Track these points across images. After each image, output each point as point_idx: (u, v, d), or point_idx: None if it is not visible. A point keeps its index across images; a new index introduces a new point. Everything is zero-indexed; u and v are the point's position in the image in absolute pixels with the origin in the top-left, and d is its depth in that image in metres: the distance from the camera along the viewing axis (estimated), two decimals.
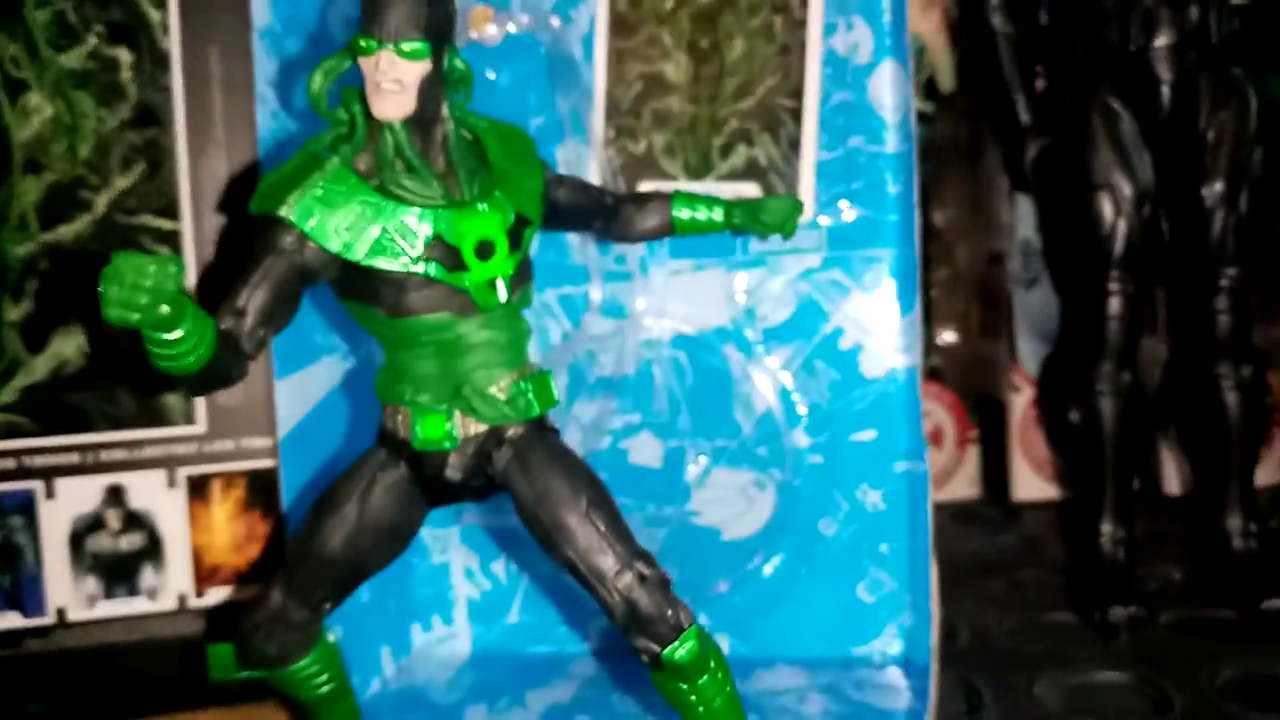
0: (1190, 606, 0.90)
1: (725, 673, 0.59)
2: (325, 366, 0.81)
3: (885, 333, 0.83)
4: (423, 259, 0.56)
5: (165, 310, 0.46)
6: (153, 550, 0.78)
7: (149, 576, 0.78)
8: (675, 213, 0.70)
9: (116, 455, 0.77)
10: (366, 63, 0.55)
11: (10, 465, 0.76)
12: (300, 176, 0.56)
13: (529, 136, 0.64)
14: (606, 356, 0.86)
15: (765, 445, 0.85)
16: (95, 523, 0.77)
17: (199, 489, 0.79)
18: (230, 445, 0.79)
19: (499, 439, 0.60)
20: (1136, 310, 0.89)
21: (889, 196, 0.83)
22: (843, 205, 0.83)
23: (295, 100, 0.79)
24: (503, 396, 0.59)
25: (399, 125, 0.56)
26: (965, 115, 1.20)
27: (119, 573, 0.77)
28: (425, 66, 0.55)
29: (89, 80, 0.76)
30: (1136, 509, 0.94)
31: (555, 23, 0.86)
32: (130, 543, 0.78)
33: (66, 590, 0.76)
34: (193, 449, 0.79)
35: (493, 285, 0.58)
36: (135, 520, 0.78)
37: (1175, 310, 0.95)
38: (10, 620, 0.76)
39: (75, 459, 0.76)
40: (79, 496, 0.77)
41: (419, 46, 0.55)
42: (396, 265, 0.56)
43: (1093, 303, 0.90)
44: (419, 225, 0.56)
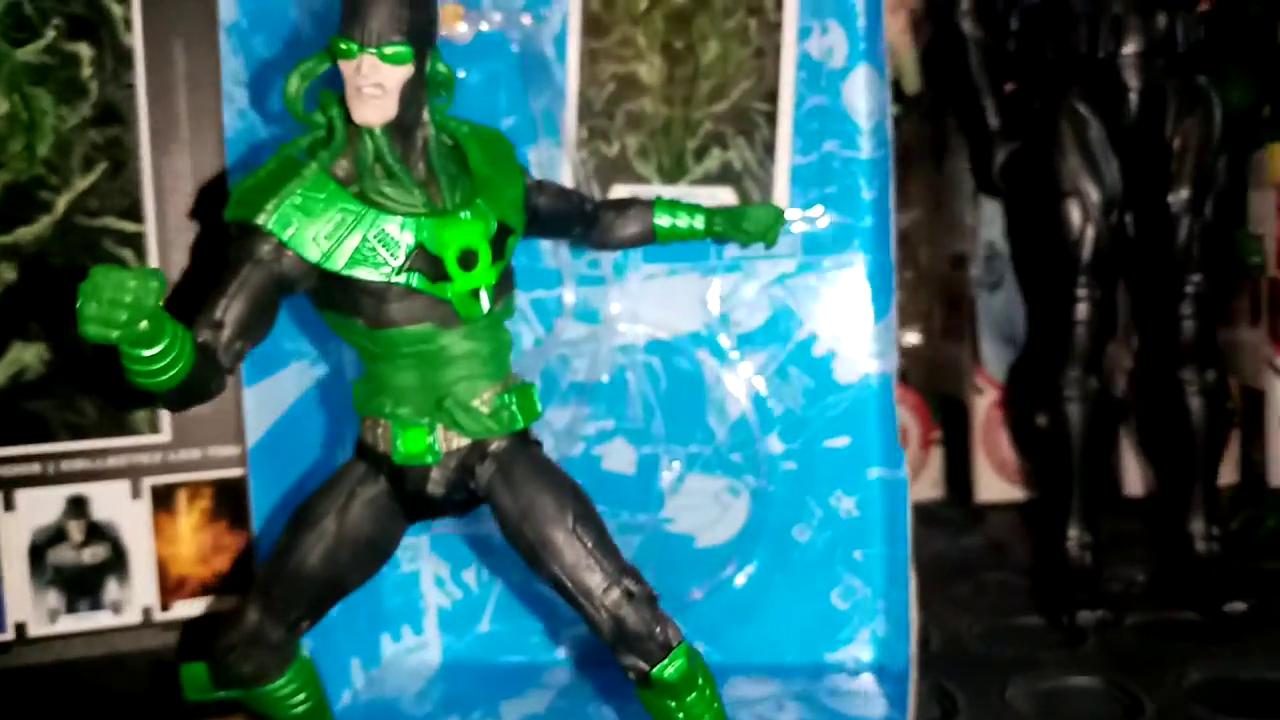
0: (1154, 609, 0.91)
1: (713, 689, 0.58)
2: (294, 373, 0.79)
3: (859, 339, 0.83)
4: (404, 269, 0.55)
5: (144, 326, 0.45)
6: (116, 562, 0.76)
7: (113, 590, 0.76)
8: (656, 220, 0.69)
9: (78, 465, 0.75)
10: (347, 66, 0.54)
11: None
12: (277, 183, 0.54)
13: (509, 141, 0.63)
14: (580, 362, 0.85)
15: (739, 452, 0.85)
16: (56, 535, 0.75)
17: (164, 499, 0.77)
18: (196, 454, 0.77)
19: (482, 453, 0.59)
20: (1103, 315, 0.90)
21: (863, 202, 0.83)
22: (817, 210, 0.83)
23: (263, 100, 0.77)
24: (486, 409, 0.58)
25: (379, 130, 0.55)
26: (929, 117, 1.21)
27: (81, 586, 0.75)
28: (407, 71, 0.54)
29: (47, 76, 0.74)
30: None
31: (527, 21, 0.85)
32: (93, 555, 0.75)
33: (26, 604, 0.74)
34: (157, 458, 0.77)
35: (476, 296, 0.57)
36: (98, 532, 0.76)
37: (1140, 315, 0.96)
38: None
39: (35, 469, 0.74)
40: (39, 508, 0.74)
41: (401, 50, 0.53)
42: (377, 275, 0.55)
43: (1060, 308, 0.91)
44: (401, 234, 0.55)
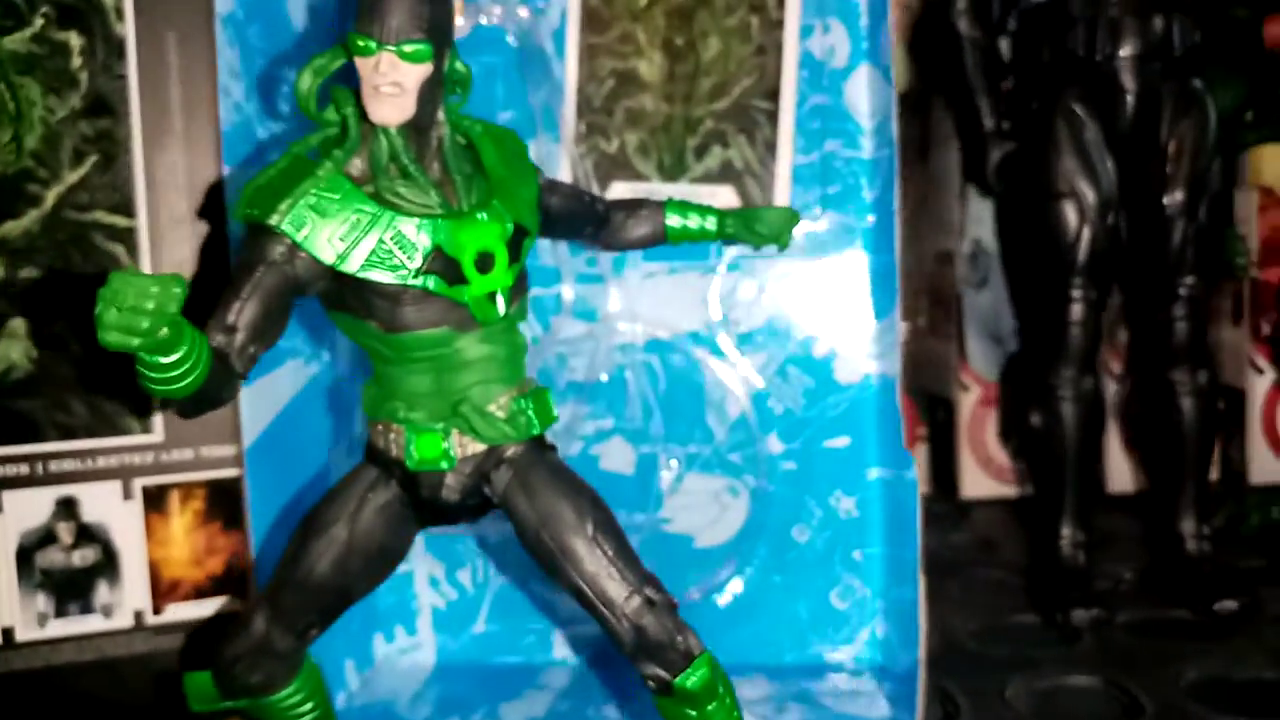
0: (1146, 607, 0.92)
1: (733, 697, 0.58)
2: (289, 371, 0.78)
3: (859, 339, 0.83)
4: (421, 272, 0.53)
5: (165, 333, 0.43)
6: (107, 565, 0.74)
7: (103, 593, 0.74)
8: (667, 220, 0.68)
9: (68, 466, 0.73)
10: (364, 64, 0.52)
11: None
12: (289, 183, 0.53)
13: (522, 140, 0.62)
14: (578, 360, 0.84)
15: (738, 451, 0.84)
16: (46, 537, 0.73)
17: (156, 500, 0.75)
18: (189, 454, 0.76)
19: (497, 459, 0.58)
20: (1098, 316, 0.91)
21: (864, 202, 0.83)
22: (817, 210, 0.83)
23: (259, 93, 0.75)
24: (502, 415, 0.57)
25: (394, 129, 0.54)
26: (915, 114, 1.21)
27: (71, 589, 0.73)
28: (427, 69, 0.53)
29: (36, 65, 0.71)
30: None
31: (524, 14, 0.84)
32: (83, 558, 0.74)
33: (14, 609, 0.72)
34: (149, 459, 0.75)
35: (492, 299, 0.56)
36: (88, 534, 0.74)
37: (1132, 316, 0.96)
38: None
39: (24, 470, 0.72)
40: (28, 509, 0.72)
41: (421, 48, 0.52)
42: (393, 278, 0.53)
43: (1055, 308, 0.91)
44: (417, 236, 0.53)
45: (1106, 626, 0.88)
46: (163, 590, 0.75)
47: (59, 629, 0.73)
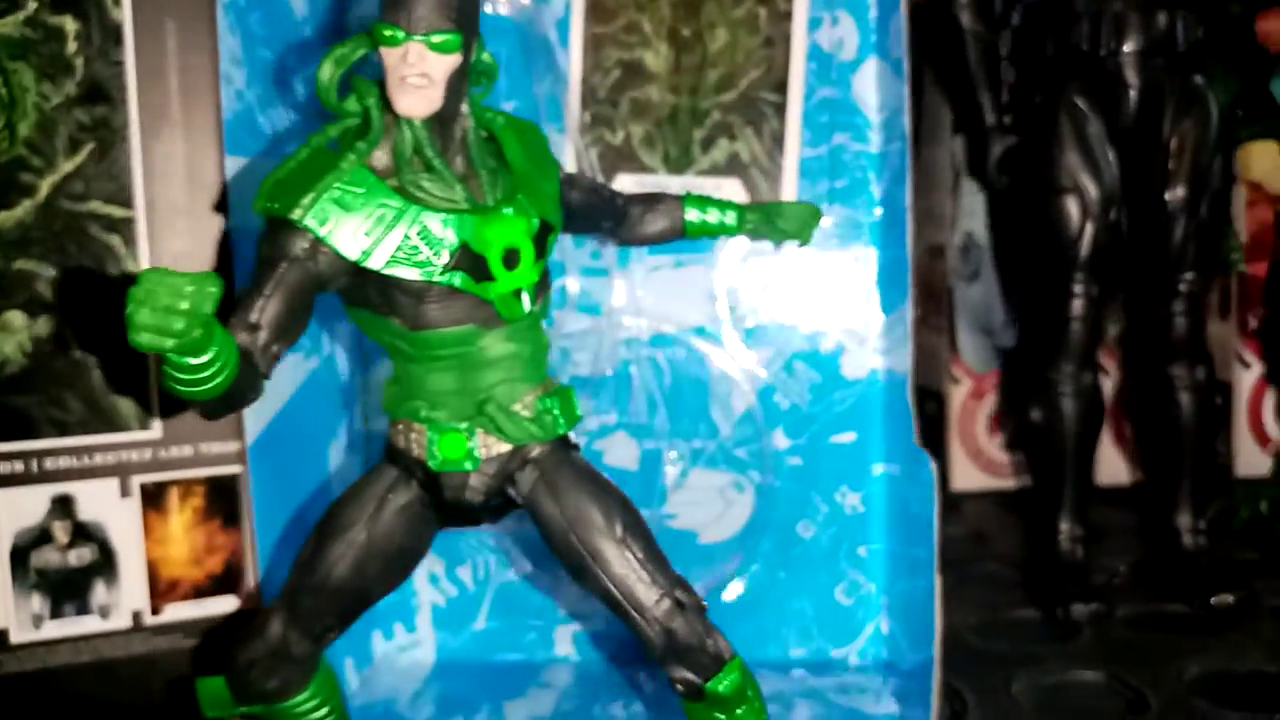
0: (1143, 601, 0.92)
1: (761, 700, 0.57)
2: (290, 366, 0.76)
3: (867, 334, 0.83)
4: (448, 269, 0.52)
5: (198, 334, 0.42)
6: (104, 565, 0.72)
7: (100, 593, 0.72)
8: (686, 215, 0.67)
9: (63, 463, 0.71)
10: (391, 54, 0.51)
11: None
12: (311, 176, 0.51)
13: (543, 133, 0.61)
14: (582, 355, 0.83)
15: (744, 447, 0.84)
16: (41, 536, 0.71)
17: (154, 498, 0.73)
18: (188, 451, 0.74)
19: (523, 459, 0.56)
20: (1099, 312, 0.91)
21: (872, 196, 0.82)
22: (824, 205, 0.82)
23: (260, 81, 0.73)
24: (528, 414, 0.56)
25: (419, 121, 0.52)
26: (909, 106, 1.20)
27: (67, 590, 0.71)
28: (455, 60, 0.51)
29: (29, 50, 0.69)
30: None
31: (527, 2, 0.82)
32: (79, 557, 0.72)
33: (8, 610, 0.70)
34: (147, 455, 0.73)
35: (517, 296, 0.54)
36: (85, 533, 0.72)
37: (1131, 311, 0.97)
38: None
39: (18, 467, 0.70)
40: (22, 508, 0.70)
41: (450, 39, 0.51)
42: (419, 275, 0.52)
43: (1056, 303, 0.91)
44: (444, 232, 0.52)
45: (1106, 621, 0.88)
46: (161, 590, 0.74)
47: (55, 630, 0.71)
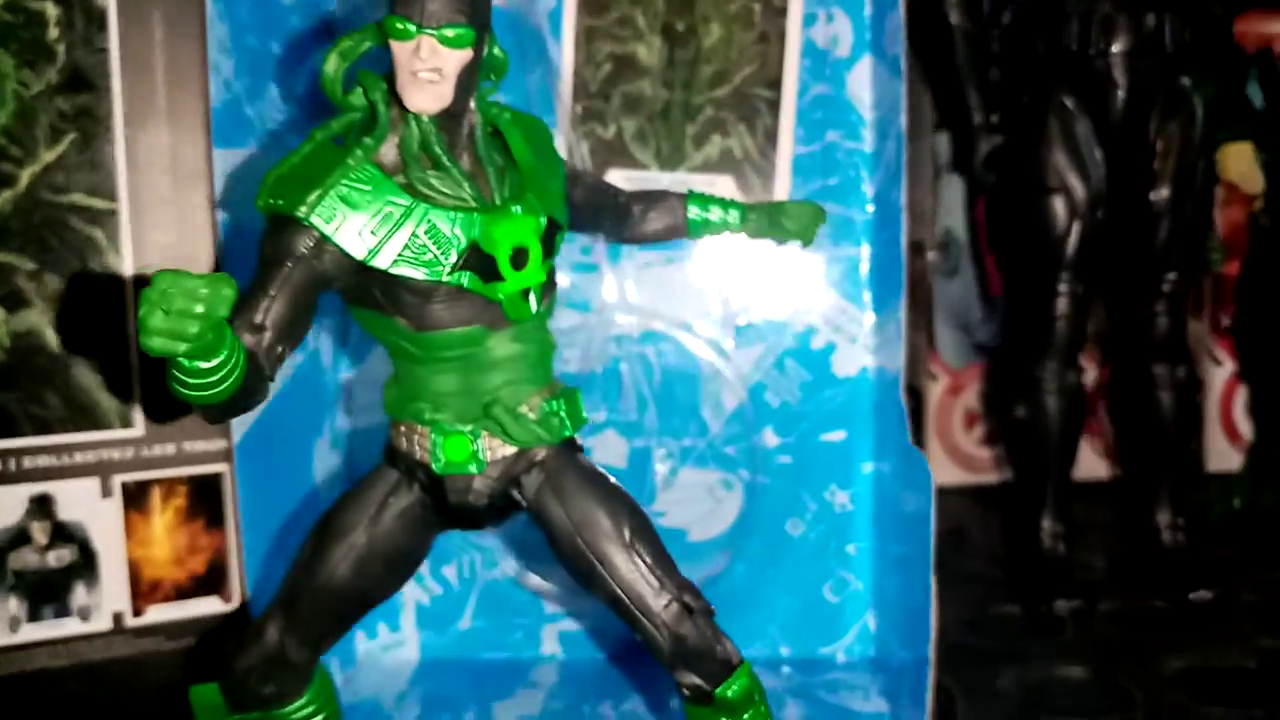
0: (1123, 597, 0.93)
1: (767, 705, 0.57)
2: None
3: (858, 332, 0.83)
4: (456, 268, 0.51)
5: (211, 338, 0.40)
6: (85, 566, 0.70)
7: (80, 595, 0.70)
8: (689, 212, 0.67)
9: (42, 461, 0.69)
10: (401, 48, 0.50)
11: None
12: (316, 171, 0.50)
13: (548, 128, 0.60)
14: (571, 352, 0.82)
15: (734, 445, 0.83)
16: (19, 537, 0.69)
17: (136, 498, 0.71)
18: (171, 449, 0.72)
19: (528, 462, 0.55)
20: (1084, 311, 0.91)
21: (864, 195, 0.82)
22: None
23: (248, 70, 0.71)
24: (534, 416, 0.55)
25: (427, 117, 0.51)
26: None
27: (46, 592, 0.70)
28: (468, 55, 0.50)
29: (9, 36, 0.67)
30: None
31: None
32: (59, 558, 0.70)
33: None
34: (129, 454, 0.71)
35: (525, 296, 0.53)
36: (64, 533, 0.70)
37: (1114, 309, 0.98)
38: None
39: None
40: (0, 508, 0.68)
41: (464, 33, 0.49)
42: (427, 275, 0.51)
43: (1041, 302, 0.92)
44: (453, 230, 0.51)
45: (1087, 617, 0.89)
46: (143, 591, 0.72)
47: (32, 633, 0.69)
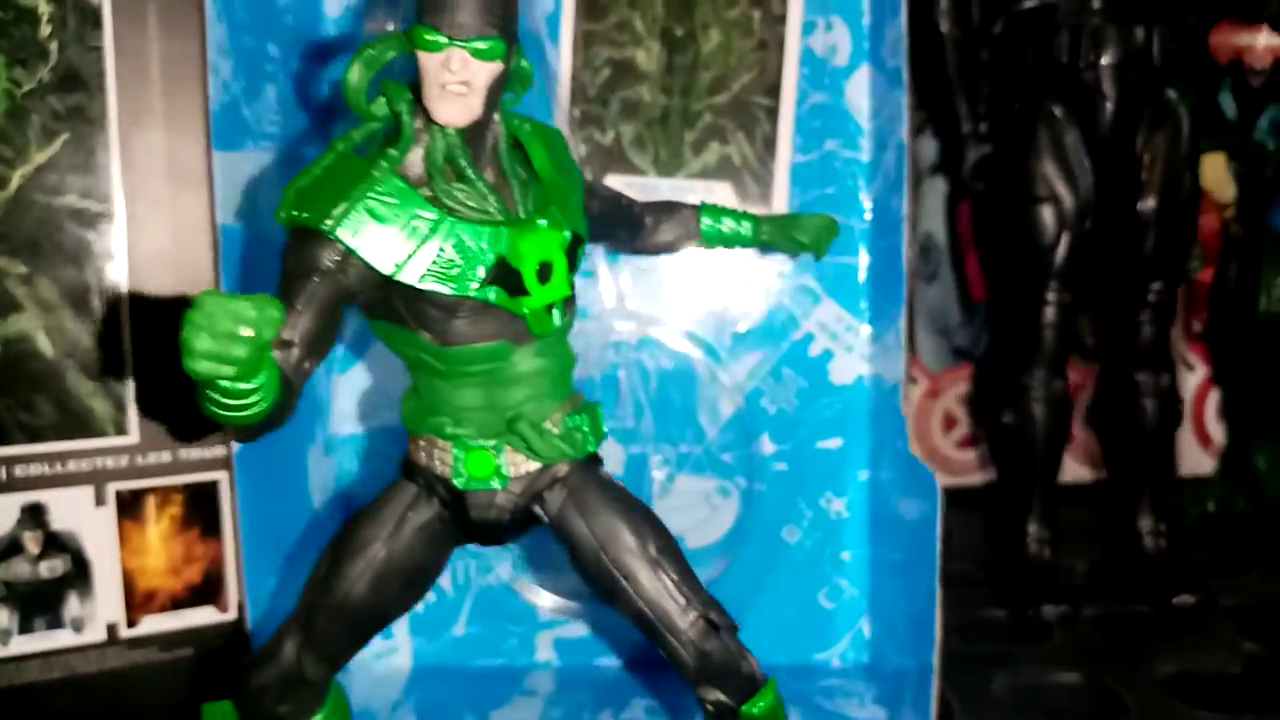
0: (1106, 602, 0.95)
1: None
2: None
3: (855, 340, 0.83)
4: (483, 283, 0.50)
5: (255, 360, 0.39)
6: (78, 576, 0.69)
7: (73, 606, 0.69)
8: (702, 223, 0.66)
9: (35, 470, 0.67)
10: (430, 59, 0.49)
11: None
12: (339, 183, 0.49)
13: (565, 140, 0.59)
14: None
15: (730, 452, 0.83)
16: (10, 547, 0.67)
17: (130, 506, 0.70)
18: (166, 457, 0.71)
19: (551, 478, 0.55)
20: (1071, 319, 0.92)
21: (861, 205, 0.82)
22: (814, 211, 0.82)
23: (246, 72, 0.70)
24: (557, 431, 0.54)
25: (452, 129, 0.50)
26: None
27: (37, 603, 0.68)
28: (497, 68, 0.50)
29: (0, 33, 0.65)
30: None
31: None
32: (51, 568, 0.68)
33: None
34: (123, 462, 0.69)
35: (549, 310, 0.53)
36: (57, 543, 0.68)
37: (1099, 318, 0.99)
38: None
39: None
40: None
41: (494, 45, 0.49)
42: (454, 289, 0.50)
43: (1029, 310, 0.93)
44: (480, 245, 0.50)
45: (1074, 621, 0.90)
46: (137, 601, 0.70)
47: (23, 646, 0.68)
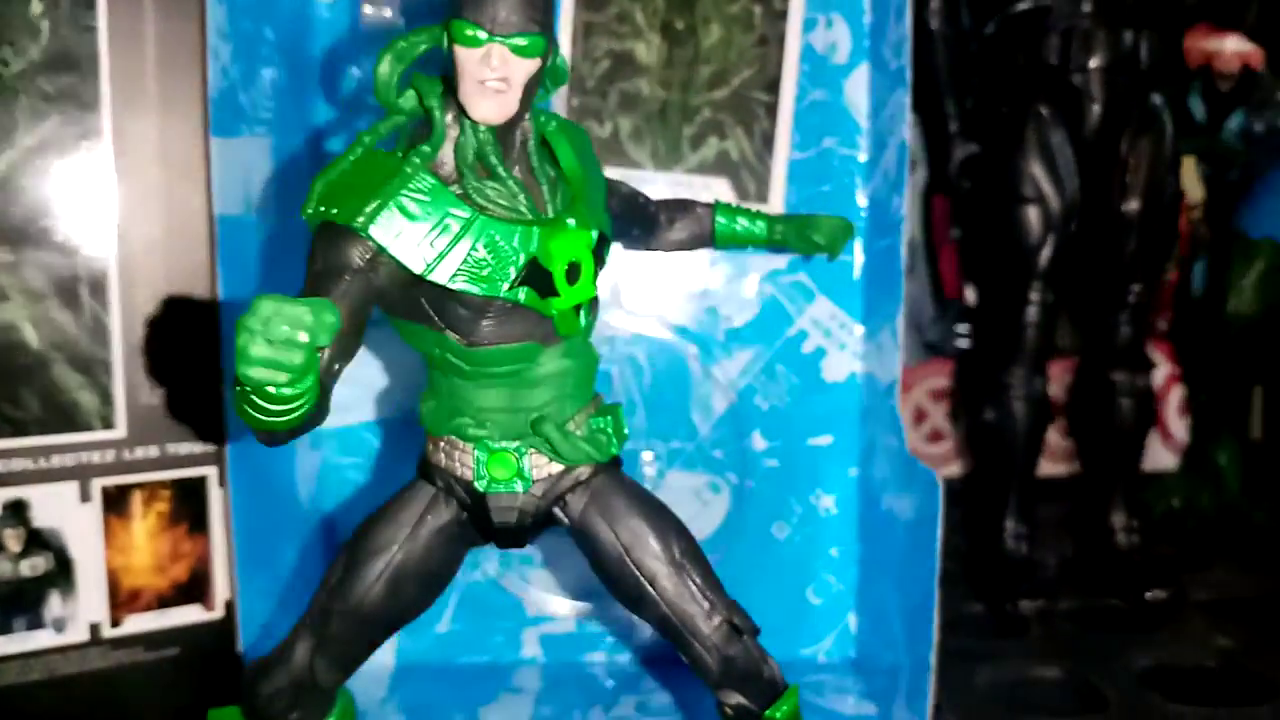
0: (1080, 596, 0.96)
1: None
2: None
3: (848, 338, 0.83)
4: (515, 283, 0.49)
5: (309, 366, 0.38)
6: (60, 575, 0.66)
7: (55, 605, 0.66)
8: (716, 222, 0.66)
9: (18, 465, 0.65)
10: (468, 55, 0.47)
11: None
12: (370, 180, 0.48)
13: (589, 136, 0.58)
14: None
15: (722, 448, 0.83)
16: None
17: (116, 502, 0.68)
18: (154, 452, 0.68)
19: (574, 480, 0.54)
20: (1053, 319, 0.94)
21: (857, 203, 0.82)
22: (810, 208, 0.82)
23: (244, 58, 0.67)
24: (581, 434, 0.53)
25: (485, 126, 0.49)
26: None
27: (18, 602, 0.65)
28: (536, 65, 0.48)
29: None
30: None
31: None
32: (33, 567, 0.66)
33: None
34: (110, 457, 0.67)
35: (576, 311, 0.52)
36: (39, 540, 0.66)
37: (1078, 317, 1.00)
38: None
39: None
40: None
41: (535, 41, 0.48)
42: (486, 290, 0.49)
43: (1012, 309, 0.93)
44: (512, 245, 0.49)
45: (1050, 616, 0.91)
46: (122, 600, 0.68)
47: (2, 647, 0.65)
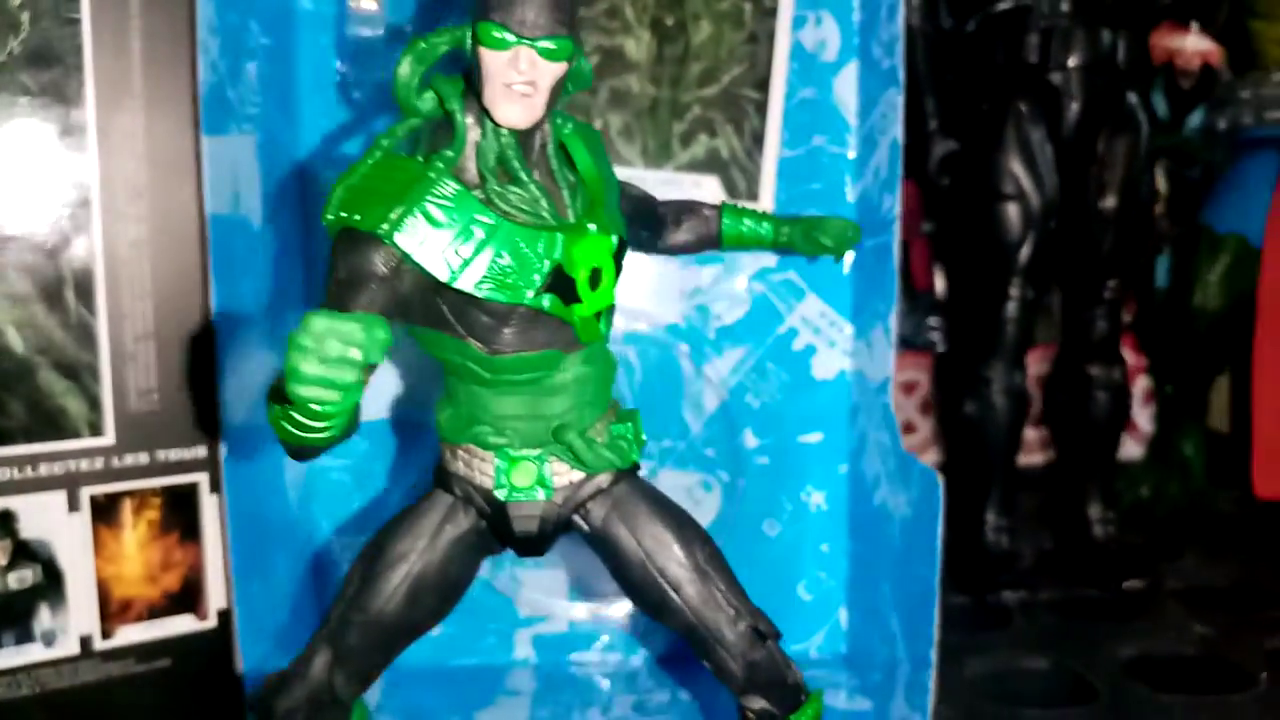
0: (1059, 586, 0.98)
1: None
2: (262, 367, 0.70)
3: (838, 335, 0.83)
4: (539, 290, 0.49)
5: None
6: (49, 586, 0.64)
7: (44, 618, 0.64)
8: (724, 223, 0.65)
9: (3, 475, 0.63)
10: (495, 57, 0.46)
11: None
12: (392, 185, 0.46)
13: (602, 139, 0.57)
14: None
15: (713, 446, 0.83)
16: None
17: (106, 511, 0.66)
18: (144, 459, 0.67)
19: (595, 488, 0.54)
20: (1032, 315, 0.95)
21: (847, 201, 0.82)
22: (801, 206, 0.82)
23: (231, 53, 0.66)
24: (603, 441, 0.53)
25: (508, 130, 0.48)
26: None
27: (6, 616, 0.63)
28: (563, 68, 0.48)
29: None
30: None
31: None
32: (20, 579, 0.64)
33: None
34: (99, 464, 0.65)
35: (598, 318, 0.51)
36: (27, 552, 0.64)
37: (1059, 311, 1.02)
38: None
39: None
40: None
41: (563, 45, 0.47)
42: (510, 297, 0.48)
43: (992, 305, 0.95)
44: (537, 251, 0.48)
45: (1031, 607, 0.93)
46: (113, 611, 0.66)
47: None
